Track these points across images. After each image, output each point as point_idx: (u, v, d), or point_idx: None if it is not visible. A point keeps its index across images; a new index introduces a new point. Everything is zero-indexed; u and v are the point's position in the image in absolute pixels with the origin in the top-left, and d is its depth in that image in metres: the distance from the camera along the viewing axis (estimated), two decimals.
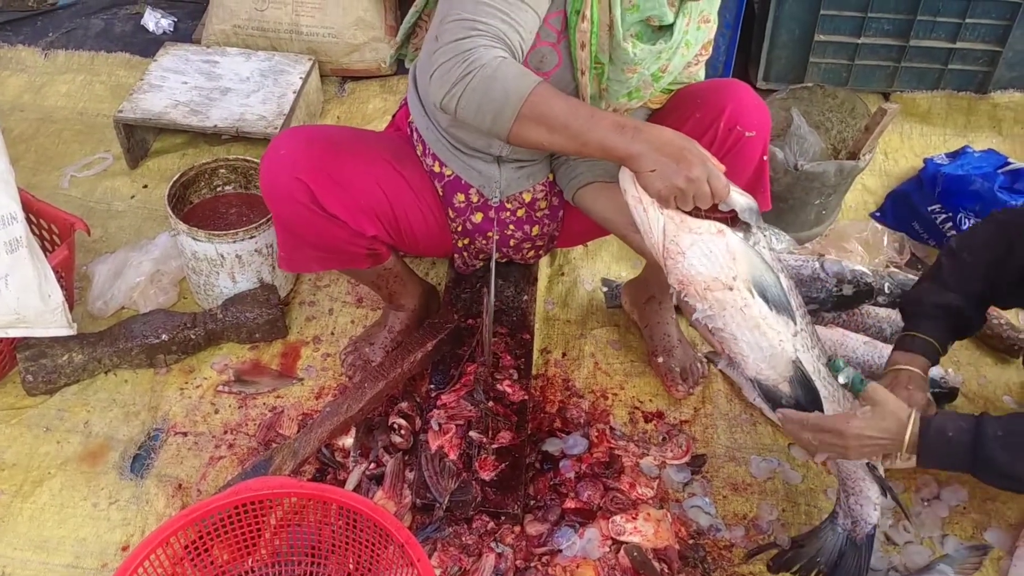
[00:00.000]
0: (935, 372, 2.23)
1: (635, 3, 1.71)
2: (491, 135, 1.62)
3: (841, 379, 1.71)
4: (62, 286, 2.17)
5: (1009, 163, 2.71)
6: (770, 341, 1.64)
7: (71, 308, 2.26)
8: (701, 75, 2.02)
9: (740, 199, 1.58)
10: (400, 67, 2.08)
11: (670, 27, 1.78)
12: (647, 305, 2.34)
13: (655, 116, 2.00)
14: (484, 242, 2.09)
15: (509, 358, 2.21)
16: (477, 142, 1.93)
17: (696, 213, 1.58)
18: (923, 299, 1.96)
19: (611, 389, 2.29)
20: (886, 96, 3.11)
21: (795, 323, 1.65)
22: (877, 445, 1.67)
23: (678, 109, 1.93)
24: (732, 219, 1.60)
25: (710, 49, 1.96)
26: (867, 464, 1.76)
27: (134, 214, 2.69)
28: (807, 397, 1.67)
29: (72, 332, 2.21)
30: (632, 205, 1.60)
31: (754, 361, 1.66)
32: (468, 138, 1.93)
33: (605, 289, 2.50)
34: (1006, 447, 1.60)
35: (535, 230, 2.11)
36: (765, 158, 1.95)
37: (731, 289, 1.59)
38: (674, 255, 1.59)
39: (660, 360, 2.29)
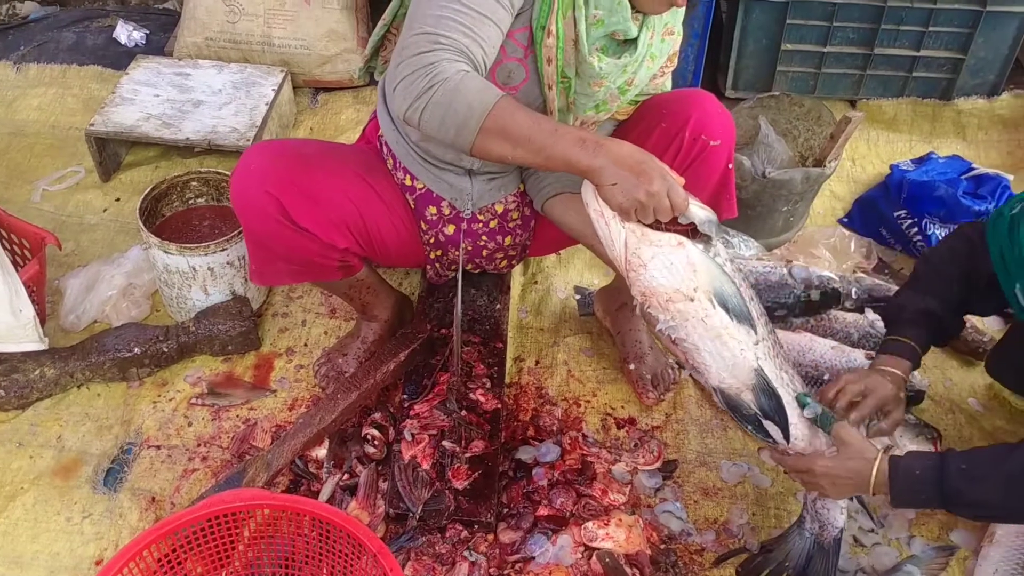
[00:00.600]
0: None
1: (600, 19, 1.74)
2: (455, 148, 1.63)
3: (807, 414, 1.75)
4: (33, 301, 2.17)
5: (973, 168, 2.76)
6: (731, 350, 1.66)
7: (43, 323, 2.26)
8: (668, 85, 2.06)
9: (699, 212, 1.60)
10: (372, 78, 2.09)
11: (634, 41, 1.81)
12: (619, 312, 2.37)
13: (622, 127, 2.03)
14: (457, 253, 2.11)
15: (482, 367, 2.23)
16: (448, 155, 1.95)
17: (656, 226, 1.60)
18: (905, 305, 2.00)
19: (584, 396, 2.31)
20: (853, 103, 3.16)
21: (756, 332, 1.67)
22: (847, 484, 1.73)
23: (644, 120, 1.96)
24: (692, 231, 1.62)
25: (675, 60, 1.99)
26: None
27: (106, 227, 2.69)
28: (771, 404, 1.70)
29: (44, 347, 2.21)
30: (594, 219, 1.62)
31: (716, 370, 1.68)
32: (439, 151, 1.95)
33: (578, 297, 2.52)
34: (970, 479, 1.65)
35: (508, 240, 2.13)
36: (730, 166, 1.98)
37: (692, 300, 1.62)
38: (636, 268, 1.61)
39: (632, 367, 2.31)
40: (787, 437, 1.73)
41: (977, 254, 1.91)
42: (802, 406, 1.74)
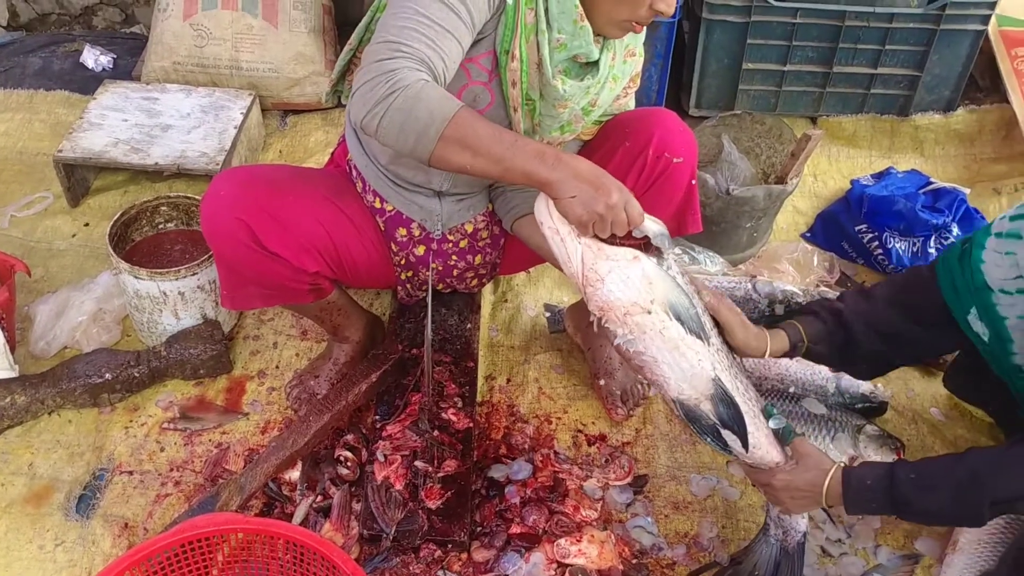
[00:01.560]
0: (865, 387, 2.32)
1: (563, 43, 1.77)
2: (412, 156, 1.61)
3: (772, 424, 1.78)
4: (3, 328, 2.17)
5: (931, 183, 2.83)
6: (689, 361, 1.69)
7: (12, 350, 2.26)
8: (631, 105, 2.10)
9: (652, 226, 1.63)
10: (340, 102, 2.12)
11: (596, 63, 1.84)
12: (589, 328, 2.37)
13: (587, 146, 2.07)
14: (427, 273, 2.13)
15: (454, 386, 2.25)
16: (417, 177, 1.98)
17: (611, 241, 1.63)
18: (823, 302, 2.02)
19: (555, 413, 2.33)
20: (814, 120, 3.22)
21: (710, 344, 1.71)
22: (805, 496, 1.78)
23: (608, 139, 2.00)
24: (645, 245, 1.65)
25: (638, 81, 2.04)
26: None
27: (75, 253, 2.69)
28: (729, 413, 1.73)
29: (14, 374, 2.21)
30: (549, 236, 1.64)
31: (676, 382, 1.71)
32: (408, 173, 1.97)
33: (548, 314, 2.55)
34: (918, 488, 1.70)
35: (478, 259, 2.15)
36: (694, 182, 2.02)
37: (649, 313, 1.65)
38: (593, 282, 1.63)
39: (602, 382, 2.34)
40: (746, 446, 1.76)
41: (924, 287, 1.92)
42: (768, 416, 1.78)
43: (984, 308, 1.78)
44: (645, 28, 1.82)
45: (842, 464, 1.77)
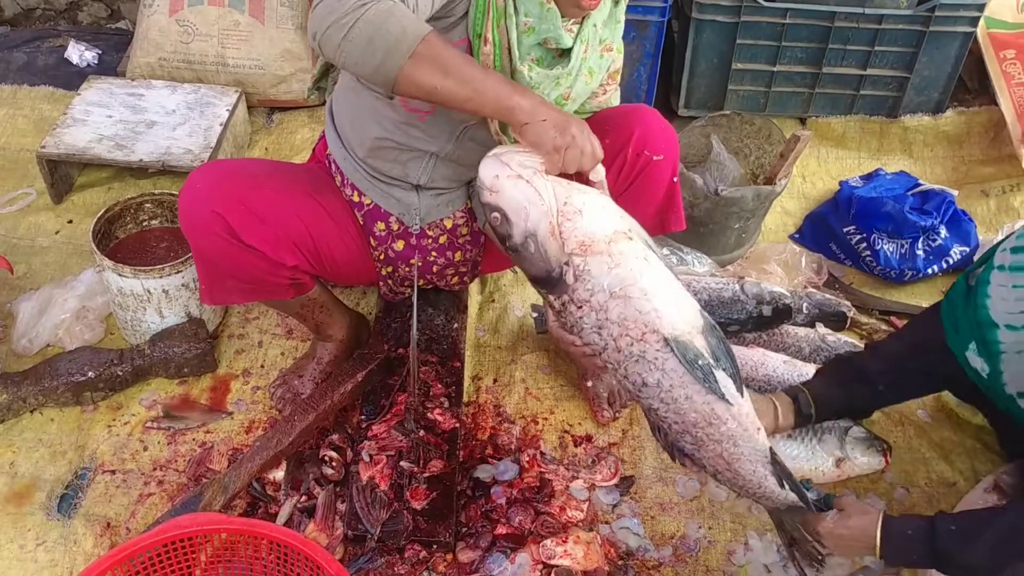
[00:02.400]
0: None
1: (531, 26, 1.76)
2: (375, 77, 1.55)
3: (812, 496, 1.84)
4: None
5: (919, 184, 2.83)
6: (676, 290, 1.63)
7: None
8: (615, 102, 2.09)
9: (601, 170, 1.66)
10: (323, 99, 2.11)
11: (569, 52, 1.83)
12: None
13: None
14: (407, 269, 2.12)
15: (440, 386, 2.24)
16: (394, 170, 1.97)
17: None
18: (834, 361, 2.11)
19: (541, 414, 2.32)
20: (802, 121, 3.22)
21: (679, 278, 1.69)
22: (854, 541, 1.80)
23: (593, 133, 1.99)
24: None
25: (618, 78, 2.03)
26: (769, 453, 1.78)
27: (59, 250, 2.66)
28: (720, 346, 1.65)
29: None
30: (510, 186, 1.59)
31: (668, 315, 1.61)
32: (385, 167, 1.97)
33: (535, 315, 2.54)
34: (958, 540, 1.70)
35: (458, 256, 2.14)
36: (676, 179, 2.02)
37: (631, 240, 1.62)
38: (571, 215, 1.60)
39: (589, 384, 2.33)
40: (740, 389, 1.68)
41: (932, 327, 1.93)
42: (807, 490, 1.83)
43: (984, 344, 1.73)
44: (622, 24, 1.85)
45: (883, 510, 1.80)
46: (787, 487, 1.80)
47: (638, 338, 1.62)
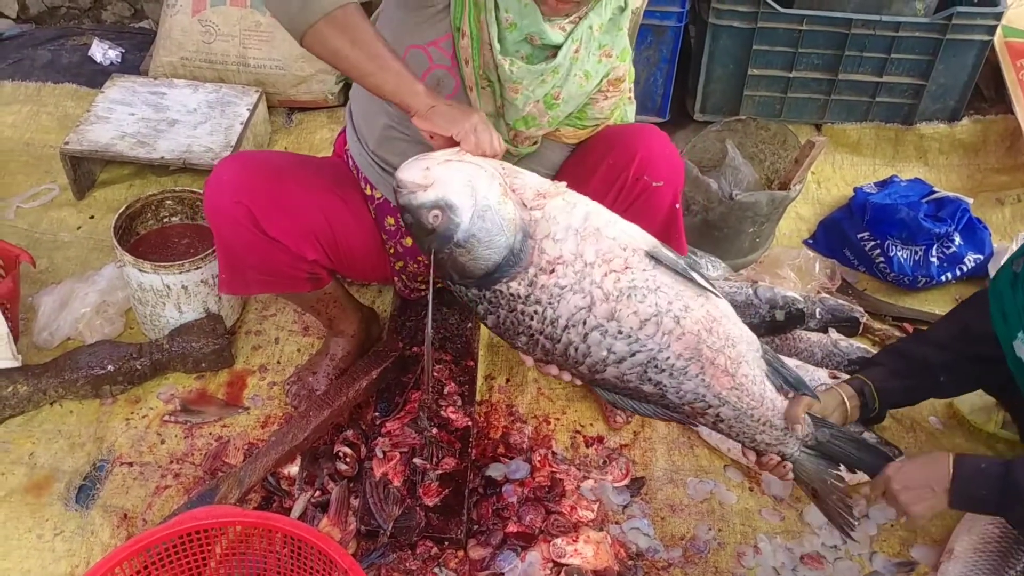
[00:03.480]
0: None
1: (512, 22, 1.77)
2: (290, 24, 1.61)
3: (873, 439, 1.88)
4: (7, 318, 2.18)
5: (934, 192, 2.83)
6: (623, 223, 1.65)
7: (16, 340, 2.27)
8: (630, 114, 2.08)
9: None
10: (347, 98, 2.13)
11: (558, 49, 1.83)
12: None
13: (573, 156, 2.06)
14: (416, 265, 2.14)
15: (453, 385, 2.26)
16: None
17: None
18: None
19: (553, 414, 2.34)
20: (818, 127, 3.22)
21: None
22: (921, 488, 1.78)
23: (595, 151, 2.00)
24: None
25: (622, 87, 1.99)
26: (760, 346, 1.75)
27: (80, 245, 2.70)
28: (671, 248, 1.66)
29: (17, 364, 2.22)
30: (445, 171, 1.57)
31: (635, 232, 1.63)
32: (395, 160, 1.98)
33: None
34: None
35: None
36: (677, 206, 1.99)
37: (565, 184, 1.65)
38: (516, 174, 1.62)
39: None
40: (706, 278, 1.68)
41: (979, 310, 1.95)
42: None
43: None
44: (624, 32, 1.86)
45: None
46: (783, 382, 1.74)
47: (623, 267, 1.59)
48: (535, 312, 1.60)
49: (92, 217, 2.79)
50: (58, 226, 2.76)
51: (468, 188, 1.55)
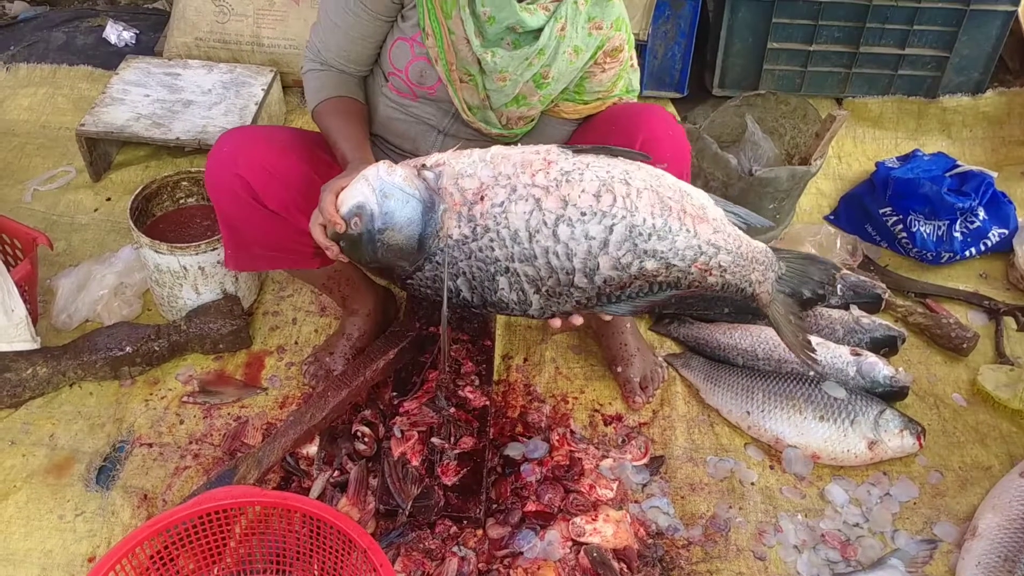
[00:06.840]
0: (886, 371, 2.29)
1: (490, 15, 1.77)
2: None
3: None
4: (25, 300, 2.18)
5: (958, 166, 2.79)
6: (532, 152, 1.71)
7: (35, 322, 2.28)
8: (635, 81, 2.06)
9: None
10: None
11: (540, 31, 1.82)
12: (595, 318, 2.37)
13: (580, 129, 2.05)
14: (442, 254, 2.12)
15: (471, 364, 2.25)
16: (404, 144, 2.01)
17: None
18: None
19: (571, 393, 2.33)
20: (839, 101, 3.18)
21: None
22: None
23: (599, 129, 1.98)
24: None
25: (620, 57, 1.96)
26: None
27: (97, 227, 2.70)
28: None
29: (36, 346, 2.22)
30: (348, 188, 1.69)
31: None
32: (395, 140, 2.00)
33: None
34: None
35: None
36: None
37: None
38: (456, 156, 1.71)
39: (619, 370, 2.33)
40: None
41: None
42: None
43: None
44: (615, 3, 1.87)
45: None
46: (736, 217, 1.79)
47: (545, 164, 1.65)
48: (491, 241, 1.64)
49: (109, 199, 2.80)
50: (75, 208, 2.76)
51: (362, 184, 1.67)
